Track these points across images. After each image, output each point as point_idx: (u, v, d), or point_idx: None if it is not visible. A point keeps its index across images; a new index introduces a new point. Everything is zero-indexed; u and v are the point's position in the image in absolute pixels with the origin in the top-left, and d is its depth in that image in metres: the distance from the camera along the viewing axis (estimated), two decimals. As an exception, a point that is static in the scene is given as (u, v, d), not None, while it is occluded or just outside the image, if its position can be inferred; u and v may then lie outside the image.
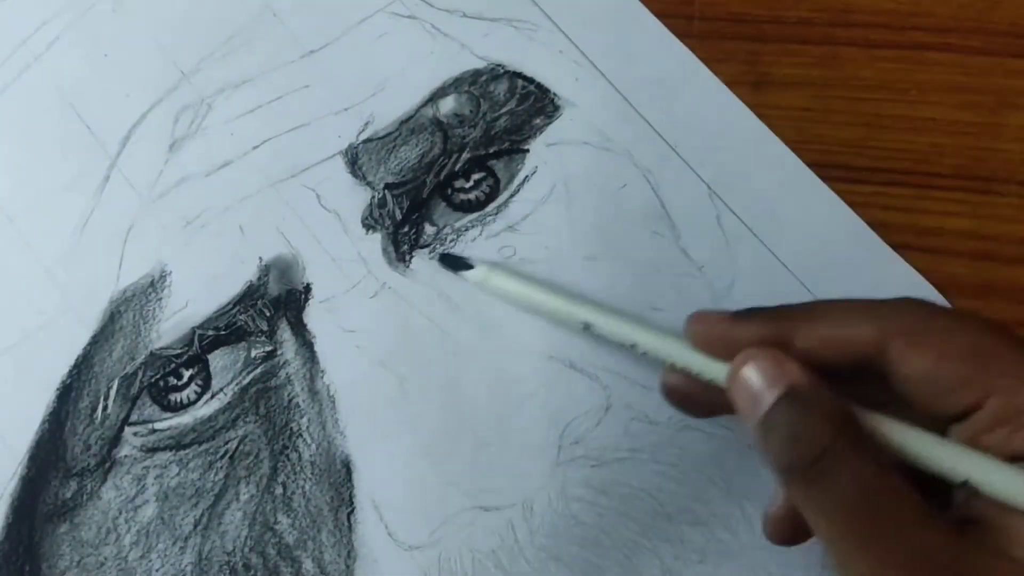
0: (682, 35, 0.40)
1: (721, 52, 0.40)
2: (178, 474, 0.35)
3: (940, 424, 0.27)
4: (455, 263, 0.36)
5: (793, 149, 0.38)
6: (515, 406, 0.35)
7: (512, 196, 0.38)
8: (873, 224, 0.37)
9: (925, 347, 0.26)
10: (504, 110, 0.39)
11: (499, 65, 0.39)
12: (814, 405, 0.26)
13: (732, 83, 0.39)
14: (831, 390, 0.27)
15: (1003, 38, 0.40)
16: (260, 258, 0.37)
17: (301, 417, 0.35)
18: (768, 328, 0.28)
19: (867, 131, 0.39)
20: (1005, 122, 0.39)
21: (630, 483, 0.34)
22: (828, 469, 0.25)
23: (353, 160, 0.38)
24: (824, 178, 0.38)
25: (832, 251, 0.37)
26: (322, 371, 0.36)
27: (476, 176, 0.38)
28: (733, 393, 0.28)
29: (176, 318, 0.36)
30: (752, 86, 0.39)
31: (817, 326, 0.28)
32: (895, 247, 0.37)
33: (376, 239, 0.37)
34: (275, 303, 0.36)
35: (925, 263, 0.37)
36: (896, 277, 0.36)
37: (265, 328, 0.36)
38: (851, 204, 0.37)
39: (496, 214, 0.38)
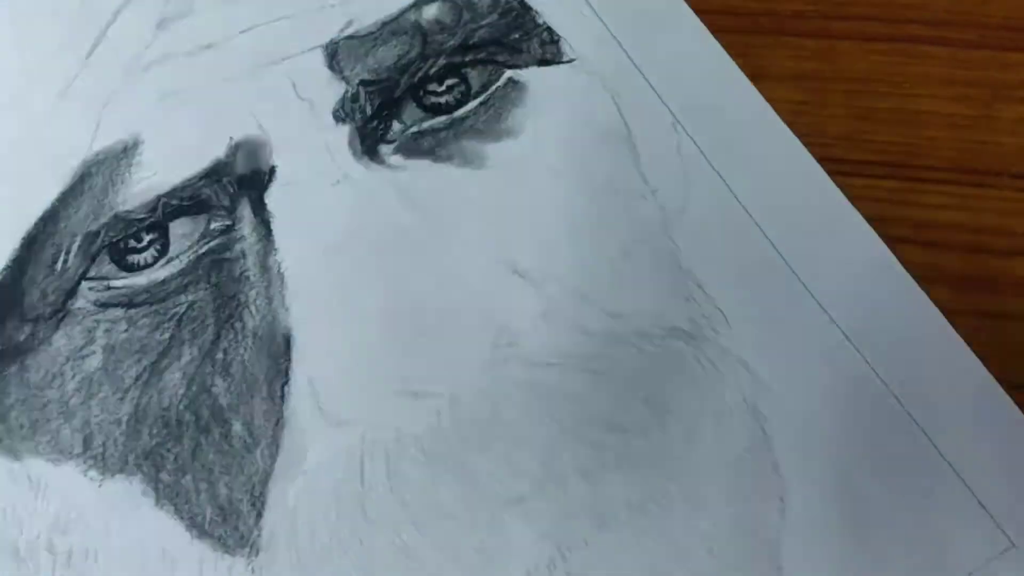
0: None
1: (715, 44, 0.40)
2: (126, 330, 0.36)
3: None
4: None
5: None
6: (456, 302, 0.36)
7: (482, 104, 0.38)
8: (867, 217, 0.37)
9: None
10: (485, 22, 0.39)
11: (487, -21, 0.40)
12: None
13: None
14: None
15: (998, 32, 0.40)
16: (231, 137, 0.38)
17: (250, 290, 0.36)
18: None
19: (861, 124, 0.39)
20: (999, 115, 0.39)
21: (557, 387, 0.35)
22: None
23: (333, 54, 0.39)
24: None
25: (783, 188, 0.37)
26: (275, 249, 0.37)
27: (449, 81, 0.39)
28: None
29: (143, 185, 0.37)
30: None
31: None
32: (889, 240, 0.37)
33: (344, 131, 0.38)
34: (239, 181, 0.37)
35: (918, 256, 0.37)
36: (844, 217, 0.37)
37: (227, 204, 0.37)
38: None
39: (464, 119, 0.38)
